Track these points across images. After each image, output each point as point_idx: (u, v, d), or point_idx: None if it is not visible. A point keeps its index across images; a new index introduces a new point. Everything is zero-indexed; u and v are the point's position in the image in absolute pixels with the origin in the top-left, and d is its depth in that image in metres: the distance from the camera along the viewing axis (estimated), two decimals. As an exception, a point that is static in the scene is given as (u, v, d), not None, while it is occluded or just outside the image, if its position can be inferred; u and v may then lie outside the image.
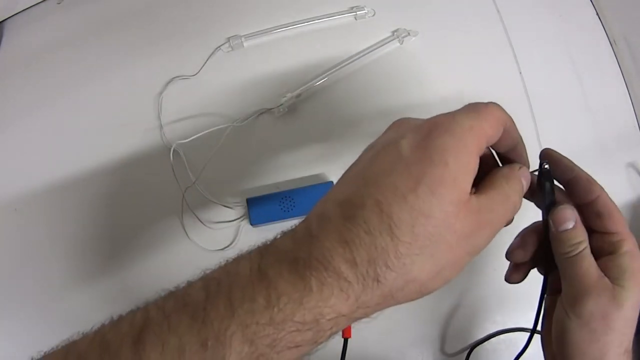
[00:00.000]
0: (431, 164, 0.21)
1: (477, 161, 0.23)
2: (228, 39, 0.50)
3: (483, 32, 0.53)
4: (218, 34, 0.51)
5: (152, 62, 0.50)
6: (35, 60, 0.51)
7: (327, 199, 0.24)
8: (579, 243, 0.27)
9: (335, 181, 0.45)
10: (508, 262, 0.45)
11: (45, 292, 0.44)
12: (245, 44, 0.51)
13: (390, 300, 0.22)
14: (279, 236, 0.23)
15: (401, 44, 0.51)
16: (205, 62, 0.50)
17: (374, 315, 0.23)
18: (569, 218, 0.27)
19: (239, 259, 0.22)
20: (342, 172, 0.48)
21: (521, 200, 0.26)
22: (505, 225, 0.26)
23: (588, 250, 0.27)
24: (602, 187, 0.29)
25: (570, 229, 0.27)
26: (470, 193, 0.23)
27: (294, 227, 0.23)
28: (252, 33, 0.51)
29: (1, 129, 0.49)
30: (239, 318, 0.19)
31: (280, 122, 0.48)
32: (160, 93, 0.49)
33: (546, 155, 0.31)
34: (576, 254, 0.27)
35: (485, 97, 0.51)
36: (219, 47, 0.50)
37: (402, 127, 0.25)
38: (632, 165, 0.51)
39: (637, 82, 0.52)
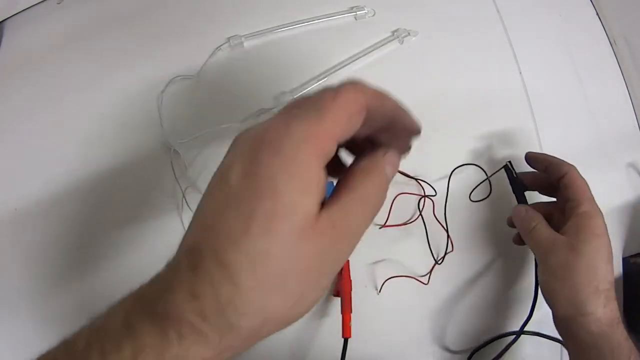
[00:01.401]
0: (260, 196, 0.19)
1: (322, 172, 0.21)
2: (228, 39, 0.50)
3: (483, 32, 0.53)
4: (218, 34, 0.51)
5: (153, 62, 0.50)
6: (35, 60, 0.51)
7: (181, 242, 0.23)
8: (531, 223, 0.39)
9: (335, 182, 0.45)
10: (509, 264, 0.45)
11: (45, 292, 0.44)
12: (245, 44, 0.51)
13: (256, 337, 0.21)
14: (151, 279, 0.23)
15: (401, 44, 0.51)
16: (205, 62, 0.50)
17: (249, 348, 0.22)
18: (520, 210, 0.41)
19: (121, 304, 0.22)
20: (342, 172, 0.48)
21: (386, 192, 0.23)
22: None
23: (541, 225, 0.39)
24: (573, 167, 0.40)
25: (523, 216, 0.40)
26: (320, 209, 0.21)
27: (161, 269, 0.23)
28: (252, 33, 0.51)
29: (1, 129, 0.49)
30: None
31: (280, 122, 0.48)
32: (161, 93, 0.49)
33: (528, 157, 0.43)
34: (531, 230, 0.39)
35: (485, 97, 0.52)
36: (219, 47, 0.50)
37: (236, 147, 0.22)
38: (632, 165, 0.51)
39: (637, 82, 0.52)
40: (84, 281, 0.44)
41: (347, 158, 0.27)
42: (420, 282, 0.45)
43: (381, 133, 0.24)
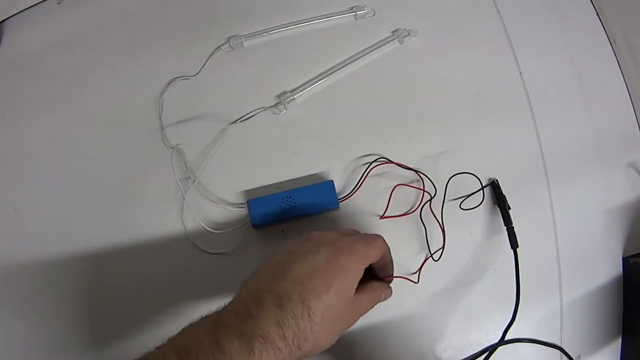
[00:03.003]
0: (339, 275, 0.33)
1: (362, 273, 0.35)
2: (228, 39, 0.50)
3: (483, 32, 0.53)
4: (218, 34, 0.51)
5: (153, 62, 0.50)
6: (35, 60, 0.51)
7: (259, 286, 0.32)
8: None
9: (335, 180, 0.45)
10: (508, 264, 0.45)
11: (44, 292, 0.44)
12: (245, 44, 0.51)
13: (302, 356, 0.31)
14: (222, 310, 0.31)
15: (401, 44, 0.51)
16: (206, 62, 0.50)
17: None
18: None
19: (197, 329, 0.30)
20: (342, 171, 0.48)
21: (377, 302, 0.38)
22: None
23: None
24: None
25: None
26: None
27: (232, 302, 0.32)
28: (252, 33, 0.51)
29: (1, 129, 0.49)
30: None
31: (281, 122, 0.49)
32: (161, 94, 0.49)
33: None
34: None
35: (485, 96, 0.52)
36: (219, 47, 0.50)
37: (316, 241, 0.36)
38: (632, 165, 0.51)
39: (637, 82, 0.52)
40: (84, 281, 0.44)
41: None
42: (411, 281, 0.44)
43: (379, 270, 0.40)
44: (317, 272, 0.33)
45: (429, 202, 0.46)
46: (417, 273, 0.45)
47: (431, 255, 0.45)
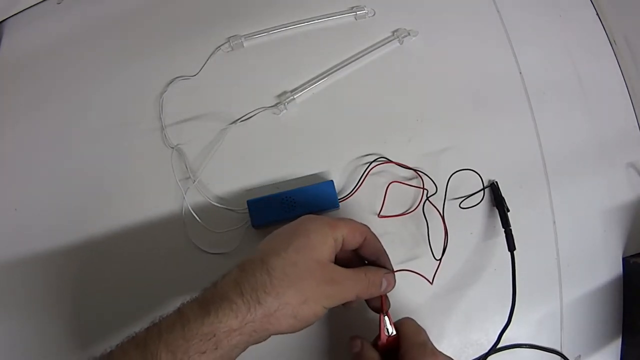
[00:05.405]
0: (299, 236, 0.33)
1: (333, 243, 0.34)
2: (228, 39, 0.50)
3: (483, 32, 0.53)
4: (218, 34, 0.51)
5: (153, 62, 0.50)
6: (35, 60, 0.51)
7: (235, 265, 0.33)
8: None
9: (335, 180, 0.45)
10: (508, 264, 0.45)
11: (45, 292, 0.44)
12: (245, 44, 0.51)
13: (271, 319, 0.31)
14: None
15: (401, 44, 0.51)
16: (206, 62, 0.50)
17: (265, 336, 0.32)
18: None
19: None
20: (342, 171, 0.48)
21: (369, 292, 0.36)
22: (351, 302, 0.36)
23: None
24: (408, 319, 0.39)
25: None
26: (332, 262, 0.34)
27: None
28: (252, 33, 0.51)
29: (1, 129, 0.49)
30: (165, 340, 0.29)
31: (281, 122, 0.49)
32: (161, 94, 0.49)
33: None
34: None
35: (485, 97, 0.52)
36: (219, 47, 0.50)
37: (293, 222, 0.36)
38: (632, 165, 0.51)
39: (637, 82, 0.52)
40: (83, 280, 0.44)
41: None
42: (427, 280, 0.43)
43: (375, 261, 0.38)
44: (278, 236, 0.34)
45: (427, 199, 0.46)
46: (433, 275, 0.43)
47: (440, 258, 0.44)
